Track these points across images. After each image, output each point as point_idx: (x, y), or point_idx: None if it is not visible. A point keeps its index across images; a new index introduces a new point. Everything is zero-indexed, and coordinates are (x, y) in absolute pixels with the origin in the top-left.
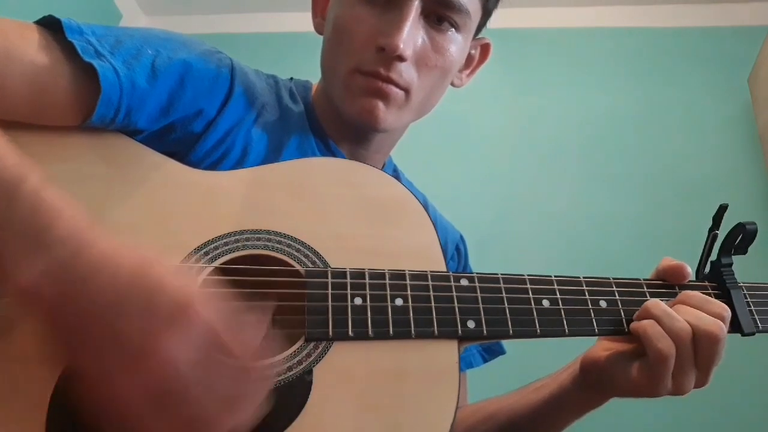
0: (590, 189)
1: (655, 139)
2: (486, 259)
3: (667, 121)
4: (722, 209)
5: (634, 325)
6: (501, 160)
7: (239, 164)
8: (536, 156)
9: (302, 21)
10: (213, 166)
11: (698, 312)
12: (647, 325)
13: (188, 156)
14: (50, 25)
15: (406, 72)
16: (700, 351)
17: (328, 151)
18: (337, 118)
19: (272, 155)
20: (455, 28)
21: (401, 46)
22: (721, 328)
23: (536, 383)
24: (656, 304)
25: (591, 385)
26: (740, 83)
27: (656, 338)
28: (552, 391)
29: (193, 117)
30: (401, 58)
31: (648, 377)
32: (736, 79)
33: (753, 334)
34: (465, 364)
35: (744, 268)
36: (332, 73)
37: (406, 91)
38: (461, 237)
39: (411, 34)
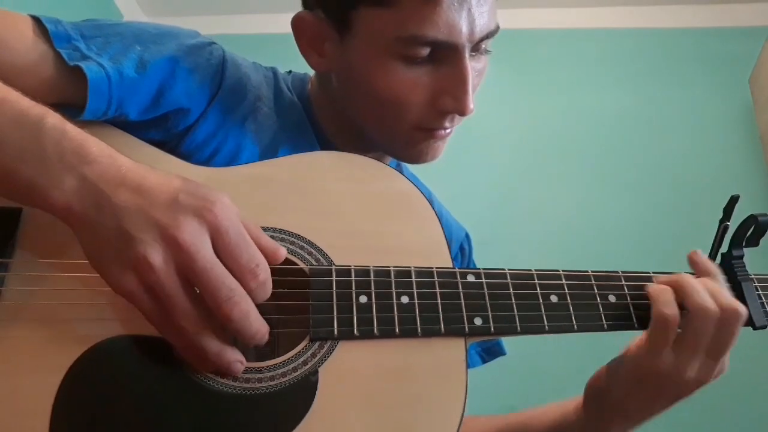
0: (590, 189)
1: (656, 139)
2: (487, 261)
3: (668, 121)
4: (733, 200)
5: (650, 287)
6: (502, 160)
7: (232, 160)
8: (537, 156)
9: None
10: (205, 162)
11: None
12: (660, 290)
13: (178, 148)
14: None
15: None
16: (716, 333)
17: (328, 148)
18: (342, 122)
19: (267, 151)
20: (488, 51)
21: (471, 106)
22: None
23: (541, 407)
24: (683, 276)
25: (596, 407)
26: (741, 84)
27: (664, 304)
28: (555, 419)
29: (183, 110)
30: None
31: (647, 346)
32: (736, 80)
33: (765, 327)
34: None
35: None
36: (380, 128)
37: None
38: (466, 235)
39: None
